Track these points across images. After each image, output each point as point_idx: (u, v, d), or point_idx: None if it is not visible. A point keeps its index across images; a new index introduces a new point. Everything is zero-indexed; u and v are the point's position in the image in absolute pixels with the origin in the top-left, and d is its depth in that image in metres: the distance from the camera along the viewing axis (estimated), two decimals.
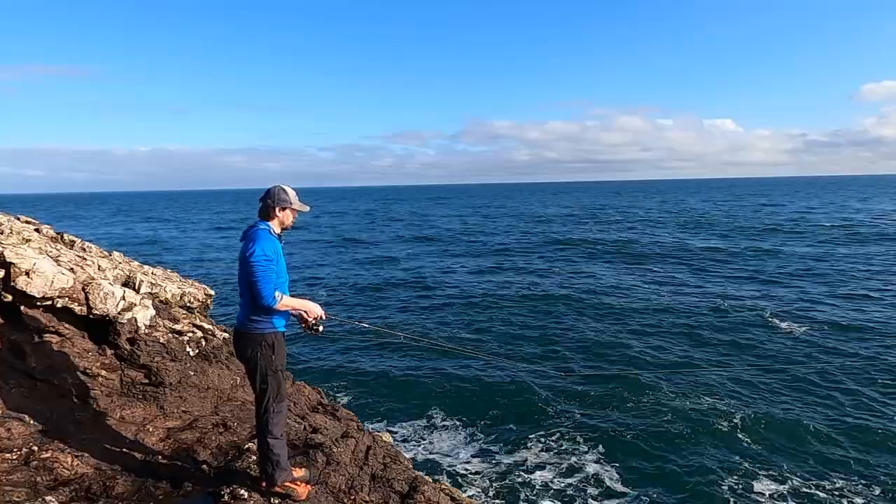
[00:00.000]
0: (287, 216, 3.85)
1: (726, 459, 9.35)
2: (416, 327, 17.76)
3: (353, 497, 4.20)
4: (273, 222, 3.80)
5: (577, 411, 11.20)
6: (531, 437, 10.22)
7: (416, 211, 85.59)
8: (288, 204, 3.81)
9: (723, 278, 24.49)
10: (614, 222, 55.61)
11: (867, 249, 31.06)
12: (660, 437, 10.05)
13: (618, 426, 10.51)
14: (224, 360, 5.98)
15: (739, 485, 8.63)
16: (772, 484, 8.62)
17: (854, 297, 20.03)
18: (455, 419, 11.03)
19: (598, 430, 10.39)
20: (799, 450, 9.65)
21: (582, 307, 19.81)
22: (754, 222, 48.61)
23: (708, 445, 9.81)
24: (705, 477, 8.81)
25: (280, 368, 3.81)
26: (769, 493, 8.40)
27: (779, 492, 8.44)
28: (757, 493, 8.41)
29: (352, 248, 39.13)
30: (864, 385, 12.07)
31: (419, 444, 10.13)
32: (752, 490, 8.49)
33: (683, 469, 9.09)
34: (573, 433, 10.32)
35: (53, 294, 4.89)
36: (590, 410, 11.25)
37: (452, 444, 10.08)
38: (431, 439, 10.29)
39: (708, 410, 11.04)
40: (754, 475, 8.87)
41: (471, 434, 10.44)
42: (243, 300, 3.74)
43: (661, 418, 10.77)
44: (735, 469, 9.04)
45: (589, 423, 10.67)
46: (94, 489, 3.83)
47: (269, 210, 3.79)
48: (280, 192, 3.81)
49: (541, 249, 35.98)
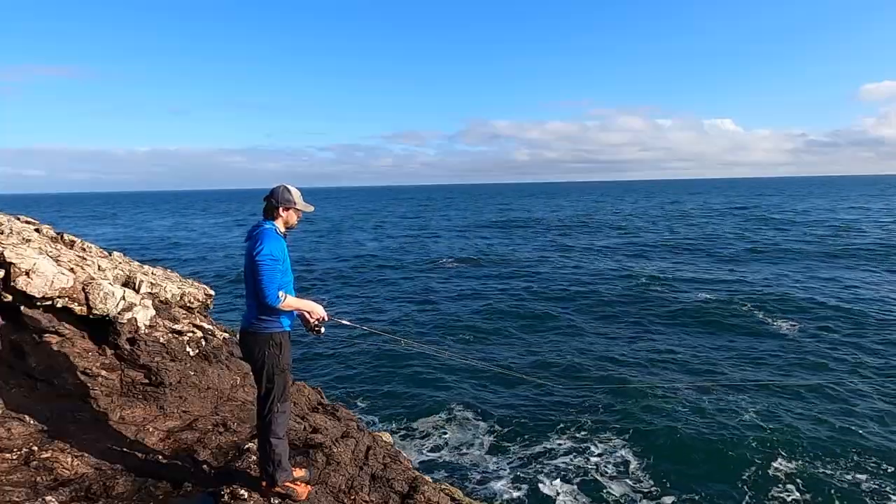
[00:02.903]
0: (291, 216, 3.86)
1: (746, 469, 9.18)
2: (417, 330, 17.75)
3: (353, 497, 4.20)
4: (278, 222, 3.82)
5: (585, 418, 11.07)
6: (537, 440, 10.19)
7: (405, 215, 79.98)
8: (292, 204, 3.82)
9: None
10: (615, 222, 55.62)
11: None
12: (670, 444, 9.96)
13: (627, 433, 10.43)
14: (224, 360, 5.98)
15: (756, 492, 8.60)
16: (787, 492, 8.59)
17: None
18: (456, 419, 11.02)
19: (606, 438, 10.28)
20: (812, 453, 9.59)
21: (587, 309, 19.82)
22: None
23: (728, 455, 9.61)
24: (724, 487, 8.73)
25: (286, 368, 3.83)
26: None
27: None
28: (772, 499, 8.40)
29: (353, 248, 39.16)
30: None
31: (420, 443, 10.13)
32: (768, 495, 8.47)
33: (698, 477, 8.99)
34: (582, 438, 10.25)
35: (53, 294, 4.88)
36: (596, 417, 11.13)
37: (454, 444, 10.09)
38: (433, 439, 10.29)
39: (727, 421, 10.76)
40: (770, 481, 8.82)
41: (473, 435, 10.44)
42: (249, 300, 3.75)
43: (668, 424, 10.69)
44: (753, 477, 8.95)
45: (597, 431, 10.54)
46: (94, 489, 3.83)
47: (273, 210, 3.80)
48: (284, 191, 3.82)
49: (546, 251, 35.96)
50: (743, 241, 36.57)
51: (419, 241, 43.40)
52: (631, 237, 42.03)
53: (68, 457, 4.07)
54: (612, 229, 48.72)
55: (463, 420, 10.99)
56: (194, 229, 59.96)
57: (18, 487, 3.66)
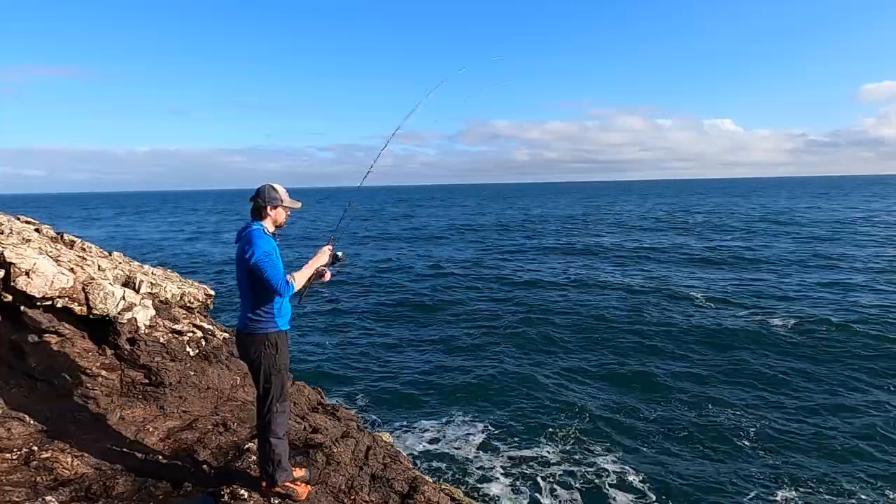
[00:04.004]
0: (279, 214, 3.84)
1: (738, 459, 9.35)
2: (421, 325, 17.77)
3: (353, 497, 4.20)
4: (266, 221, 3.80)
5: (585, 417, 11.13)
6: (538, 438, 10.21)
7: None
8: (279, 202, 3.80)
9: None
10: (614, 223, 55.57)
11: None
12: (675, 437, 10.08)
13: (630, 426, 10.56)
14: (224, 360, 5.97)
15: (752, 483, 8.66)
16: (788, 488, 8.62)
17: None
18: (457, 419, 11.02)
19: (607, 430, 10.40)
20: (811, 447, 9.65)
21: (585, 303, 19.81)
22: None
23: (720, 445, 9.82)
24: (717, 478, 8.81)
25: (283, 368, 3.81)
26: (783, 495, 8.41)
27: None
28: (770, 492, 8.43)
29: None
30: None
31: (420, 443, 10.12)
32: (769, 489, 8.52)
33: (694, 469, 9.09)
34: (583, 432, 10.35)
35: (53, 294, 4.88)
36: (596, 416, 11.18)
37: (454, 444, 10.07)
38: (433, 439, 10.28)
39: (719, 410, 11.06)
40: (766, 475, 8.88)
41: (473, 434, 10.42)
42: (244, 301, 3.75)
43: (676, 416, 10.82)
44: (748, 468, 9.07)
45: (598, 424, 10.69)
46: (94, 489, 3.83)
47: (260, 209, 3.78)
48: (270, 190, 3.80)
49: (552, 251, 35.94)
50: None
51: (420, 238, 43.38)
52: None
53: (68, 457, 4.07)
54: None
55: (463, 419, 10.99)
56: (194, 229, 59.94)
57: (18, 487, 3.66)
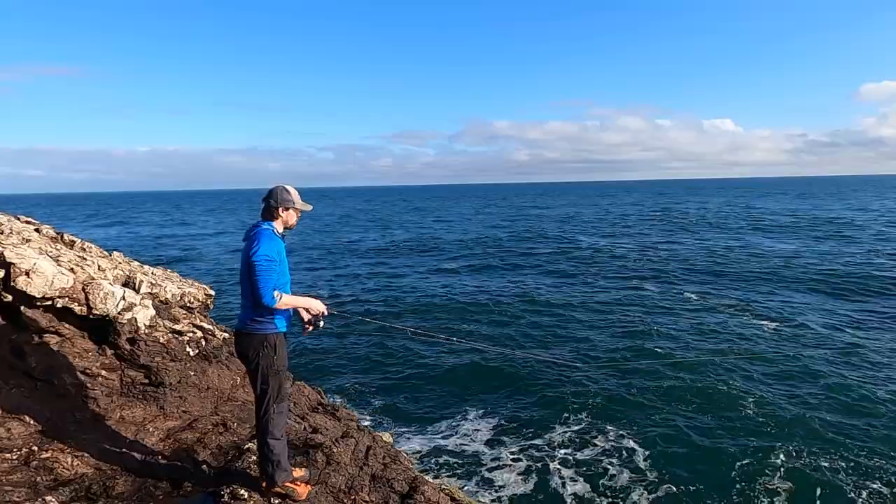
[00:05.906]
0: (290, 216, 3.86)
1: (749, 448, 9.39)
2: (420, 321, 17.78)
3: (353, 497, 4.20)
4: (276, 222, 3.81)
5: (593, 402, 11.27)
6: (539, 435, 10.17)
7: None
8: (291, 204, 3.82)
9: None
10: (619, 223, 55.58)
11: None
12: (687, 429, 10.13)
13: (639, 418, 10.59)
14: (224, 360, 5.97)
15: (761, 473, 8.72)
16: (791, 479, 8.63)
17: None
18: (457, 417, 11.02)
19: (617, 421, 10.48)
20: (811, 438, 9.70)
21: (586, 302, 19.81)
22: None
23: (730, 434, 9.88)
24: (729, 470, 8.86)
25: (281, 369, 3.81)
26: (787, 487, 8.43)
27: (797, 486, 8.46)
28: (778, 483, 8.47)
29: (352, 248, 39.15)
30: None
31: (420, 442, 10.12)
32: (775, 477, 8.58)
33: (705, 459, 9.15)
34: (591, 425, 10.39)
35: (53, 294, 4.88)
36: (607, 402, 11.29)
37: (455, 443, 10.06)
38: (433, 438, 10.27)
39: (730, 399, 11.17)
40: (778, 465, 8.93)
41: (474, 432, 10.41)
42: (245, 300, 3.75)
43: (687, 408, 10.91)
44: (757, 457, 9.12)
45: (607, 415, 10.76)
46: (94, 489, 3.83)
47: (272, 210, 3.80)
48: (283, 191, 3.82)
49: (553, 251, 35.95)
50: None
51: (420, 234, 43.40)
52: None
53: (68, 457, 4.07)
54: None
55: (464, 418, 10.98)
56: (194, 229, 59.94)
57: (18, 487, 3.66)
